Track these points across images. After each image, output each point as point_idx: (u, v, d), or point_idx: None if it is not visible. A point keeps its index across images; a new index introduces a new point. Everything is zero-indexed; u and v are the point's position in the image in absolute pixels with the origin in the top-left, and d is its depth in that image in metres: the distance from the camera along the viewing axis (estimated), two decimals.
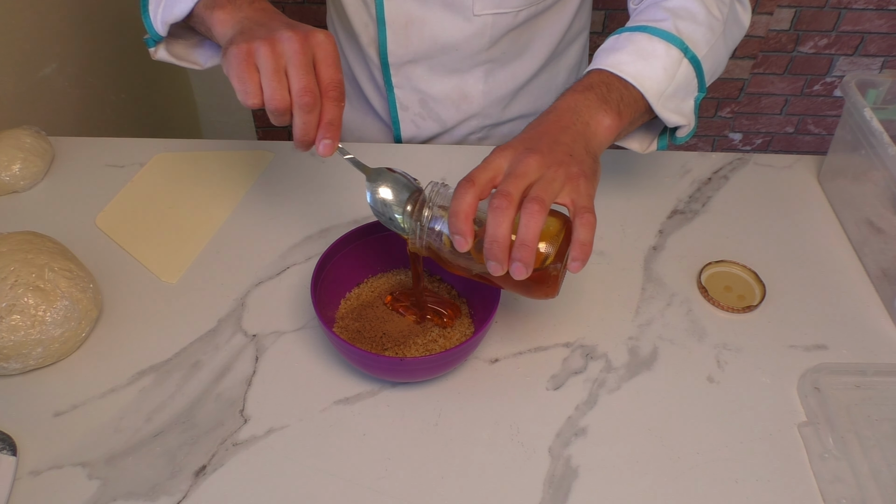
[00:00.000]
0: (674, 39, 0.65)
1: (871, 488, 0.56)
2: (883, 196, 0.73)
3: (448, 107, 0.91)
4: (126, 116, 1.39)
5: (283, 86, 0.53)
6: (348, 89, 0.97)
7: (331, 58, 0.54)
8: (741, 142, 2.13)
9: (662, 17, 0.66)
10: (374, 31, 0.85)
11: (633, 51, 0.63)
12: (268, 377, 0.64)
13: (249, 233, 0.78)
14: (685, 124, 0.68)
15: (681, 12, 0.67)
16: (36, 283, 0.63)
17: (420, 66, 0.87)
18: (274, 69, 0.53)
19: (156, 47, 0.69)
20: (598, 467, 0.58)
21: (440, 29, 0.82)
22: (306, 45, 0.53)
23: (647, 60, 0.63)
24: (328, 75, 0.54)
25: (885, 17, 1.84)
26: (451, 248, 0.55)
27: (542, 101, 0.95)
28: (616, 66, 0.62)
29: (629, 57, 0.63)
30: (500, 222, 0.50)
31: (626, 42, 0.64)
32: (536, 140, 0.56)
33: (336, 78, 0.55)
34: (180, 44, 0.71)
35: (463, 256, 0.55)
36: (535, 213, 0.50)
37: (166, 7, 0.64)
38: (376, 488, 0.57)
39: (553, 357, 0.66)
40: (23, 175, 0.82)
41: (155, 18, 0.65)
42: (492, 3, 0.80)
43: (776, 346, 0.68)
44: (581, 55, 0.97)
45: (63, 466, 0.58)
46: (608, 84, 0.62)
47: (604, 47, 0.66)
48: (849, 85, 0.77)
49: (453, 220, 0.51)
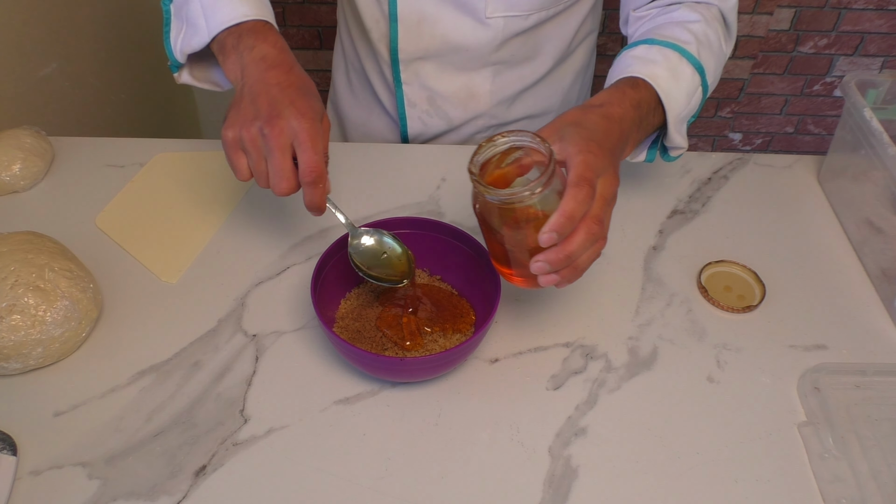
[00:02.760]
0: (698, 66, 0.69)
1: (871, 488, 0.56)
2: (883, 196, 0.73)
3: (456, 105, 0.91)
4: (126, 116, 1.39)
5: (265, 172, 0.61)
6: (357, 84, 0.98)
7: (304, 144, 0.59)
8: (741, 142, 2.13)
9: (688, 40, 0.69)
10: (385, 28, 0.86)
11: (667, 67, 0.66)
12: (268, 377, 0.64)
13: (249, 233, 0.78)
14: (683, 147, 0.72)
15: (703, 39, 0.71)
16: (36, 283, 0.63)
17: (429, 63, 0.87)
18: (257, 159, 0.60)
19: (179, 72, 0.72)
20: (598, 467, 0.58)
21: (452, 28, 0.83)
22: (282, 136, 0.59)
23: (678, 81, 0.66)
24: (303, 161, 0.59)
25: (885, 17, 1.84)
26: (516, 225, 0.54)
27: (549, 102, 0.95)
28: (654, 79, 0.65)
29: (665, 72, 0.66)
30: (584, 246, 0.52)
31: (658, 55, 0.67)
32: (611, 155, 0.57)
33: (309, 164, 0.59)
34: (200, 67, 0.74)
35: (519, 236, 0.54)
36: (598, 249, 0.54)
37: (185, 38, 0.67)
38: (376, 488, 0.57)
39: (553, 357, 0.66)
40: (23, 175, 0.82)
41: (175, 46, 0.69)
42: (504, 6, 0.81)
43: (776, 346, 0.68)
44: (589, 57, 0.97)
45: (63, 466, 0.58)
46: (648, 105, 0.65)
47: (636, 54, 0.68)
48: (849, 85, 0.77)
49: (564, 220, 0.51)
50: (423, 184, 0.85)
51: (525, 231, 0.54)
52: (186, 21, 0.67)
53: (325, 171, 0.60)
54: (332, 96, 1.06)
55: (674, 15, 0.74)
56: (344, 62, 0.99)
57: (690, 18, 0.72)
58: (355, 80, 0.98)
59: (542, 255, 0.52)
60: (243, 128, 0.60)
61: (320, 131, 0.60)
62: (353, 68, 0.97)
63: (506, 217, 0.54)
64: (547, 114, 0.97)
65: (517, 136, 0.54)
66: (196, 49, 0.67)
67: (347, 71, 0.99)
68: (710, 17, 0.74)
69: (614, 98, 0.62)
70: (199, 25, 0.66)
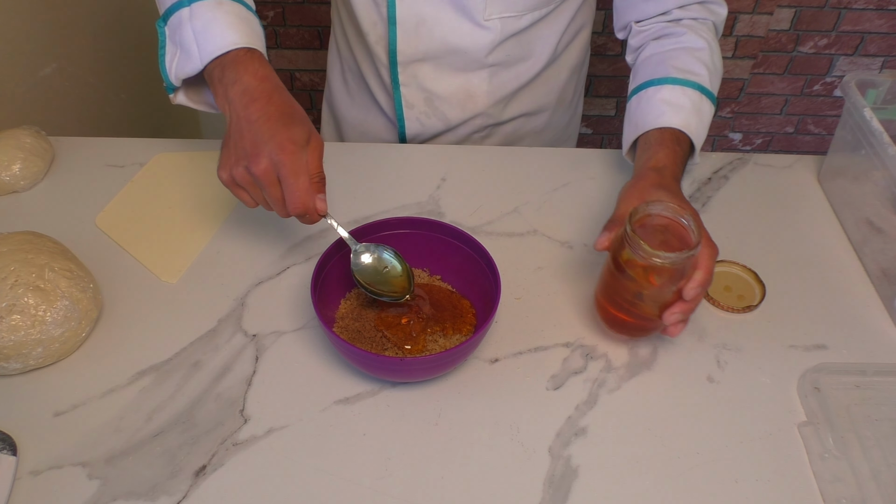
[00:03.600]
0: (713, 99, 0.77)
1: (871, 488, 0.56)
2: (883, 196, 0.73)
3: (453, 106, 0.91)
4: (126, 116, 1.39)
5: (265, 202, 0.65)
6: (354, 85, 0.98)
7: (287, 179, 0.62)
8: (741, 142, 2.13)
9: (701, 72, 0.77)
10: (382, 30, 0.86)
11: (694, 111, 0.75)
12: (268, 377, 0.64)
13: (249, 233, 0.78)
14: (696, 162, 0.78)
15: (713, 68, 0.78)
16: (36, 283, 0.63)
17: (427, 65, 0.87)
18: (255, 193, 0.64)
19: (174, 94, 0.73)
20: (598, 467, 0.58)
21: (450, 31, 0.83)
22: (268, 173, 0.62)
23: (701, 119, 0.75)
24: (287, 196, 0.63)
25: (885, 17, 1.84)
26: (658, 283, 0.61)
27: (545, 100, 0.96)
28: (688, 127, 0.74)
29: (694, 118, 0.74)
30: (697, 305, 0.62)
31: (686, 100, 0.75)
32: None
33: (292, 199, 0.62)
34: (195, 89, 0.75)
35: (660, 290, 0.61)
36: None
37: (179, 64, 0.69)
38: (376, 488, 0.57)
39: (553, 357, 0.66)
40: (23, 175, 0.82)
41: (170, 70, 0.70)
42: (500, 7, 0.81)
43: (776, 346, 0.68)
44: (583, 55, 0.97)
45: (63, 466, 0.58)
46: (683, 156, 0.73)
47: (665, 97, 0.75)
48: (849, 85, 0.77)
49: (707, 277, 0.60)
50: (423, 184, 0.85)
51: (666, 286, 0.60)
52: (180, 46, 0.68)
53: (310, 203, 0.63)
54: (327, 96, 1.06)
55: (682, 40, 0.79)
56: (339, 63, 0.99)
57: (698, 46, 0.78)
58: (351, 80, 0.98)
59: (677, 306, 0.60)
60: (233, 168, 0.63)
61: (303, 162, 0.62)
62: (349, 69, 0.97)
63: (655, 273, 0.60)
64: (542, 111, 0.97)
65: (664, 206, 0.62)
66: (190, 75, 0.68)
67: (343, 71, 0.99)
68: (711, 38, 0.80)
69: (670, 159, 0.70)
70: (191, 52, 0.67)
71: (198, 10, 0.67)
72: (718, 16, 0.82)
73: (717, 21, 0.82)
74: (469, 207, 0.82)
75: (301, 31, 1.86)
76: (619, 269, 0.62)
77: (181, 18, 0.68)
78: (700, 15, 0.81)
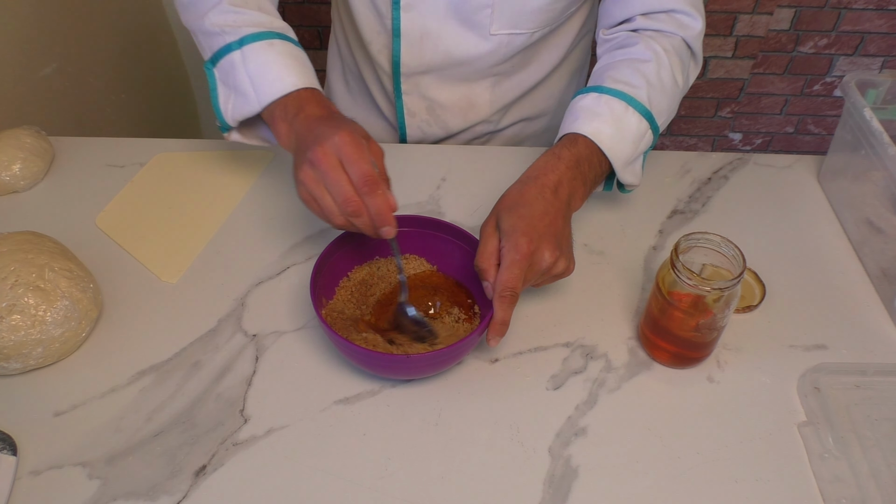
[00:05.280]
0: (646, 113, 0.71)
1: (871, 488, 0.56)
2: (883, 196, 0.73)
3: (455, 114, 0.91)
4: (126, 116, 1.39)
5: (331, 202, 0.61)
6: (355, 86, 0.98)
7: (350, 157, 0.59)
8: (741, 142, 2.13)
9: (638, 84, 0.71)
10: (386, 41, 0.85)
11: (611, 120, 0.69)
12: (268, 377, 0.64)
13: (249, 233, 0.78)
14: (636, 184, 0.74)
15: (654, 81, 0.72)
16: (36, 283, 0.63)
17: (430, 76, 0.87)
18: (320, 196, 0.60)
19: (228, 133, 0.75)
20: (598, 467, 0.58)
21: (454, 44, 0.83)
22: (328, 156, 0.59)
23: (622, 132, 0.69)
24: (352, 172, 0.59)
25: (885, 17, 1.84)
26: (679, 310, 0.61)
27: (545, 105, 0.95)
28: (597, 135, 0.68)
29: (609, 128, 0.69)
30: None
31: (604, 107, 0.70)
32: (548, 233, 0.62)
33: (358, 173, 0.59)
34: (249, 126, 0.76)
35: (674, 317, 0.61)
36: None
37: (236, 106, 0.70)
38: (376, 488, 0.57)
39: (553, 357, 0.66)
40: (23, 175, 0.82)
41: (226, 112, 0.71)
42: (508, 24, 0.80)
43: (776, 346, 0.68)
44: (584, 58, 0.97)
45: (63, 466, 0.58)
46: (590, 160, 0.68)
47: (584, 105, 0.71)
48: (849, 85, 0.77)
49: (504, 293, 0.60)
50: (424, 184, 0.85)
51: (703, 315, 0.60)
52: (235, 90, 0.70)
53: (378, 179, 0.59)
54: (327, 96, 1.06)
55: (631, 52, 0.74)
56: (340, 64, 0.99)
57: (644, 58, 0.73)
58: (353, 83, 0.98)
59: None
60: (299, 172, 0.61)
61: (364, 145, 0.60)
62: (351, 72, 0.97)
63: (695, 303, 0.60)
64: (542, 116, 0.97)
65: (706, 239, 0.61)
66: (248, 116, 0.70)
67: (344, 73, 0.99)
68: (665, 53, 0.73)
69: (548, 166, 0.66)
70: (248, 95, 0.68)
71: (250, 54, 0.68)
72: (689, 30, 0.76)
73: (687, 36, 0.76)
74: (469, 207, 0.82)
75: (301, 31, 1.86)
76: (660, 295, 0.62)
77: (233, 62, 0.69)
78: (667, 27, 0.75)
